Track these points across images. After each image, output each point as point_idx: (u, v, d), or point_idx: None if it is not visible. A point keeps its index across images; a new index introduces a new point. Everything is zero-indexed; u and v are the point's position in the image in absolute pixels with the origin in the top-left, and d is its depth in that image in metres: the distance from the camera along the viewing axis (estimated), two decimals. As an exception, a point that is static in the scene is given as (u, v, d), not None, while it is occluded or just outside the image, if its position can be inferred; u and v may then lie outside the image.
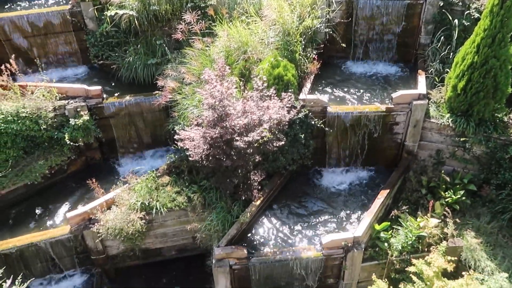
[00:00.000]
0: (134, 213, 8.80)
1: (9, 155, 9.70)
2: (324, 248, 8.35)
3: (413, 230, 8.53)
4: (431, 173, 9.82)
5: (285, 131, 8.91)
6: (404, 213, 8.98)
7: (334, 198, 9.70)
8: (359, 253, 8.33)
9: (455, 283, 7.85)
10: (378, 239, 8.67)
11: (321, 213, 9.33)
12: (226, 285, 8.52)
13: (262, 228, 8.99)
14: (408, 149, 9.91)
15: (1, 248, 8.79)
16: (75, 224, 8.94)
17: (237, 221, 8.67)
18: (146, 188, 9.11)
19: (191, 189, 9.13)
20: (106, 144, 10.92)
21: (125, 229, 8.69)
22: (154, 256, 9.90)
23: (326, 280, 8.90)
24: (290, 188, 9.87)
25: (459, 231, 8.65)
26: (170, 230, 9.49)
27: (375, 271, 8.42)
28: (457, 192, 9.12)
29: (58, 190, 10.35)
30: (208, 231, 8.70)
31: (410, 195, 9.58)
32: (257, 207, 8.98)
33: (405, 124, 9.64)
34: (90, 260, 9.56)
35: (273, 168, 9.56)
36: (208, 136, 7.98)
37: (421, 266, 8.01)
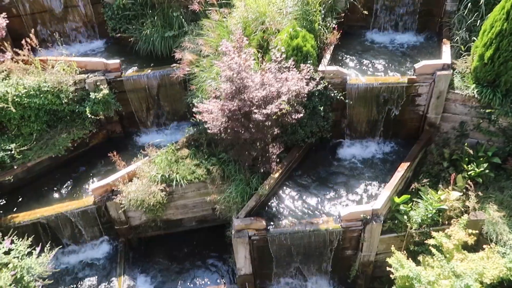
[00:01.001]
0: (155, 185, 8.98)
1: (33, 128, 9.96)
2: (343, 220, 8.37)
3: (433, 203, 8.43)
4: (453, 145, 9.60)
5: (304, 103, 8.80)
6: (425, 186, 8.86)
7: (353, 171, 9.63)
8: (378, 226, 8.33)
9: (476, 256, 7.80)
10: (397, 212, 8.63)
11: (340, 186, 9.30)
12: (245, 255, 8.70)
13: (280, 200, 9.05)
14: (430, 121, 9.68)
15: (29, 218, 9.16)
16: (98, 195, 9.20)
17: (255, 193, 8.74)
18: (166, 161, 9.25)
19: (210, 162, 9.21)
20: (126, 117, 11.06)
21: (147, 201, 8.89)
22: (175, 226, 10.16)
23: (344, 252, 8.97)
24: (308, 161, 9.84)
25: (481, 205, 8.51)
26: (190, 202, 9.67)
27: (394, 243, 8.43)
28: (480, 165, 8.92)
29: (81, 163, 10.62)
30: (227, 202, 8.82)
31: (431, 168, 9.42)
32: (276, 180, 9.01)
33: (428, 95, 9.37)
34: (114, 230, 9.88)
35: (291, 141, 9.53)
36: (226, 109, 7.96)
37: (441, 239, 7.97)
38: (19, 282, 7.23)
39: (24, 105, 9.56)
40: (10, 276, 6.92)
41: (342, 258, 9.07)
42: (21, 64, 9.91)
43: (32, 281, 7.42)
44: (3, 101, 9.28)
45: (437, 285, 7.38)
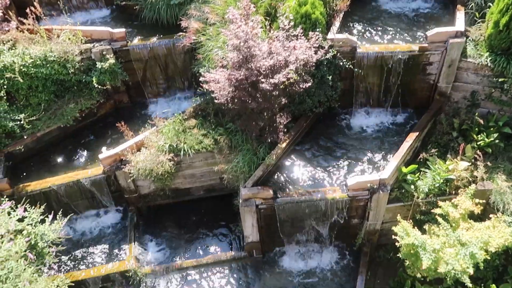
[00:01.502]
0: (163, 155, 9.05)
1: (41, 98, 9.99)
2: (350, 189, 8.42)
3: (441, 173, 8.42)
4: (463, 115, 9.47)
5: (312, 72, 8.67)
6: (433, 156, 8.82)
7: (361, 141, 9.59)
8: (385, 195, 8.37)
9: (481, 225, 7.85)
10: (404, 182, 8.64)
11: (347, 155, 9.29)
12: (253, 223, 8.84)
13: (287, 170, 9.09)
14: (441, 91, 9.50)
15: (41, 186, 9.35)
16: (108, 165, 9.32)
17: (263, 163, 8.78)
18: (174, 131, 9.27)
19: (217, 132, 9.22)
20: (133, 87, 11.01)
21: (155, 170, 8.99)
22: (183, 195, 10.31)
23: (351, 220, 9.07)
24: (316, 131, 9.80)
25: (489, 175, 8.47)
26: (198, 171, 9.76)
27: (400, 213, 8.49)
28: (490, 135, 8.82)
29: (90, 133, 10.70)
30: (235, 172, 8.89)
31: (440, 138, 9.34)
32: (283, 149, 9.02)
33: (439, 64, 9.16)
34: (124, 198, 10.07)
35: (299, 110, 9.46)
36: (233, 78, 7.87)
37: (447, 208, 8.00)
38: (34, 248, 7.47)
39: (31, 75, 9.56)
40: (25, 243, 7.15)
41: (348, 227, 9.19)
42: (26, 34, 9.83)
43: (46, 247, 7.66)
44: (10, 71, 9.27)
45: (442, 253, 7.48)
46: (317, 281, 9.28)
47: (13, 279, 6.69)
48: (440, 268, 7.33)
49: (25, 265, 7.03)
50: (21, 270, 6.88)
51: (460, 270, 7.24)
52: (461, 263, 7.27)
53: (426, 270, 7.51)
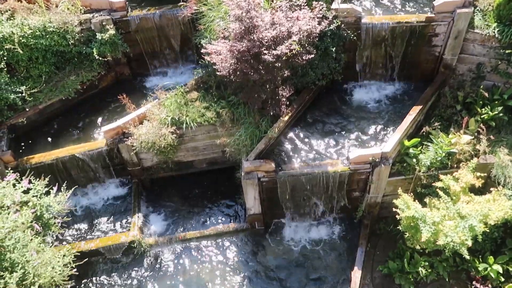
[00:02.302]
0: (165, 128, 9.04)
1: (42, 70, 9.91)
2: (351, 163, 8.44)
3: (443, 146, 8.40)
4: (468, 88, 9.35)
5: (316, 44, 8.52)
6: (436, 129, 8.78)
7: (364, 114, 9.53)
8: (386, 168, 8.39)
9: (482, 198, 7.91)
10: (406, 155, 8.64)
11: (350, 129, 9.26)
12: (255, 196, 8.93)
13: (290, 143, 9.09)
14: (446, 63, 9.35)
15: (45, 159, 9.42)
16: (110, 137, 9.34)
17: (265, 136, 8.78)
18: (176, 104, 9.23)
19: (219, 105, 9.17)
20: (134, 59, 10.88)
21: (158, 143, 9.01)
22: (186, 168, 10.38)
23: (352, 193, 9.15)
24: (319, 104, 9.73)
25: (492, 148, 8.45)
26: (200, 144, 9.78)
27: (401, 186, 8.54)
28: (494, 108, 8.74)
29: (92, 105, 10.67)
30: (237, 145, 8.90)
31: (444, 111, 9.27)
32: (285, 123, 8.99)
33: (446, 35, 8.97)
34: (127, 171, 10.15)
35: (302, 83, 9.36)
36: (235, 50, 7.75)
37: (448, 182, 8.04)
38: (40, 219, 7.60)
39: (30, 46, 9.44)
40: (30, 214, 7.27)
41: (349, 199, 9.28)
42: (24, 3, 9.64)
43: (51, 218, 7.80)
44: (10, 42, 9.16)
45: (441, 225, 7.57)
46: (318, 252, 9.46)
47: (20, 249, 6.85)
48: (439, 240, 7.44)
49: (32, 235, 7.18)
50: (28, 240, 7.03)
51: (458, 242, 7.34)
52: (460, 236, 7.37)
53: (425, 242, 7.63)
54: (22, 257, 6.79)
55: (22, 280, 6.73)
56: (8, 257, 6.69)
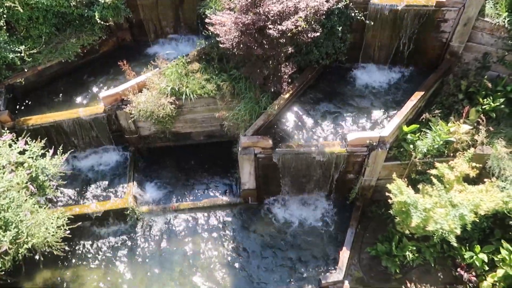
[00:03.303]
0: (165, 98, 8.98)
1: (42, 31, 9.74)
2: (349, 145, 8.44)
3: (442, 134, 8.39)
4: (472, 77, 9.26)
5: (322, 22, 8.36)
6: (436, 117, 8.75)
7: (365, 96, 9.47)
8: (383, 152, 8.41)
9: (475, 188, 7.96)
10: (404, 141, 8.64)
11: (350, 110, 9.22)
12: (250, 171, 8.98)
13: (289, 121, 9.06)
14: (453, 50, 9.22)
15: (42, 121, 9.37)
16: (109, 104, 9.27)
17: (264, 112, 8.74)
18: (176, 74, 9.13)
19: (220, 77, 9.07)
20: (136, 25, 10.69)
21: (156, 112, 8.97)
22: (183, 139, 10.37)
23: (347, 175, 9.20)
24: (321, 83, 9.65)
25: (490, 139, 8.45)
26: (199, 116, 9.74)
27: (396, 171, 8.57)
28: (496, 100, 8.68)
29: (91, 70, 10.55)
30: (236, 120, 8.87)
31: (446, 99, 9.21)
32: (286, 100, 8.93)
33: (455, 22, 8.81)
34: (124, 138, 10.14)
35: (305, 61, 9.25)
36: (240, 22, 7.61)
37: (443, 170, 8.07)
38: (35, 180, 7.63)
39: (31, 5, 9.23)
40: (26, 175, 7.29)
41: (343, 181, 9.34)
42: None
43: (46, 181, 7.83)
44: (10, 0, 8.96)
45: (432, 212, 7.65)
46: (309, 230, 9.59)
47: (14, 209, 6.91)
48: (429, 227, 7.54)
49: (27, 196, 7.23)
50: (22, 200, 7.09)
51: (447, 230, 7.44)
52: (449, 223, 7.46)
53: (415, 227, 7.73)
54: (16, 216, 6.87)
55: (15, 239, 6.82)
56: (2, 216, 6.76)
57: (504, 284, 8.00)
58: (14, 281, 8.42)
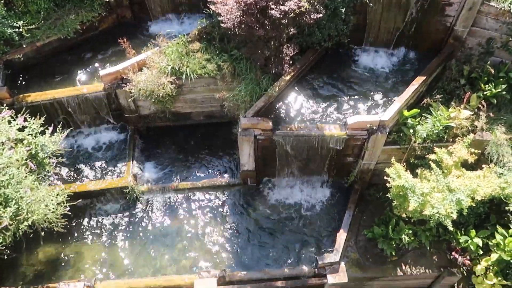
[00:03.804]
0: (165, 77, 8.91)
1: (40, 6, 9.58)
2: (349, 128, 8.44)
3: (442, 119, 8.39)
4: (475, 63, 9.19)
5: (325, 3, 8.25)
6: (437, 102, 8.73)
7: (367, 80, 9.42)
8: (383, 137, 8.41)
9: (472, 174, 8.01)
10: (404, 125, 8.64)
11: (351, 94, 9.18)
12: (250, 153, 8.99)
13: (289, 103, 9.02)
14: (457, 35, 9.12)
15: (41, 98, 9.32)
16: (108, 82, 9.21)
17: (265, 94, 8.69)
18: (177, 53, 9.03)
19: (221, 58, 8.99)
20: (137, 2, 10.53)
21: (156, 92, 8.91)
22: (183, 119, 10.35)
23: (346, 158, 9.23)
24: (323, 66, 9.57)
25: (489, 125, 8.46)
26: (199, 97, 9.70)
27: (395, 155, 8.61)
28: (498, 86, 8.65)
29: (90, 47, 10.44)
30: (236, 101, 8.83)
31: (447, 84, 9.16)
32: (287, 82, 8.88)
33: (460, 5, 8.68)
34: (124, 117, 10.11)
35: (307, 43, 9.15)
36: (242, 2, 7.49)
37: (442, 155, 8.10)
38: (34, 157, 7.64)
39: (29, -21, 9.06)
40: (25, 152, 7.29)
41: (342, 164, 9.38)
42: None
43: (46, 158, 7.84)
44: (7, -28, 8.78)
45: (429, 197, 7.72)
46: (307, 212, 9.68)
47: (14, 185, 6.94)
48: (426, 211, 7.61)
49: (26, 173, 7.25)
50: (22, 177, 7.11)
51: (444, 214, 7.52)
52: (446, 208, 7.54)
53: (411, 211, 7.81)
54: (16, 193, 6.90)
55: (15, 215, 6.88)
56: (2, 192, 6.80)
57: (498, 268, 8.15)
58: (15, 256, 8.52)
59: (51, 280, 8.68)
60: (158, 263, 9.08)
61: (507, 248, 7.96)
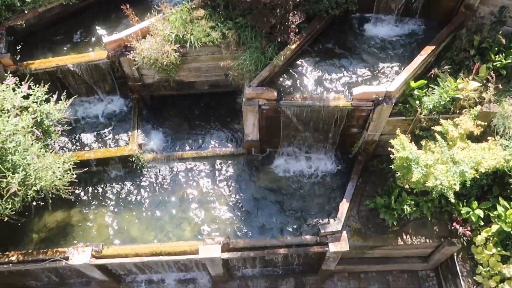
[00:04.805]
0: (169, 45, 8.79)
1: (41, -31, 9.37)
2: (354, 99, 8.36)
3: (449, 91, 8.28)
4: (486, 33, 8.95)
5: (334, -32, 7.97)
6: (445, 73, 8.58)
7: (374, 49, 9.23)
8: (388, 108, 8.34)
9: (477, 146, 7.98)
10: (410, 96, 8.55)
11: (358, 63, 9.02)
12: (254, 123, 8.98)
13: (294, 73, 8.91)
14: (468, 3, 8.84)
15: (45, 66, 9.27)
16: (112, 49, 9.11)
17: (270, 63, 8.58)
18: (181, 20, 8.86)
19: (226, 25, 8.81)
20: (139, -33, 10.24)
21: (160, 60, 8.82)
22: (187, 88, 10.28)
23: (350, 129, 9.20)
24: (329, 35, 9.37)
25: (497, 97, 8.34)
26: (203, 65, 9.59)
27: (400, 126, 8.56)
28: (509, 56, 8.45)
29: (93, 14, 10.28)
30: (241, 70, 8.73)
31: (456, 54, 8.97)
32: (292, 51, 8.73)
33: (473, -28, 8.39)
34: (128, 86, 10.06)
35: (314, 10, 8.92)
36: (247, -34, 7.26)
37: (447, 127, 8.05)
38: (40, 125, 7.69)
39: None
40: (31, 119, 7.33)
41: (347, 135, 9.36)
42: None
43: (51, 126, 7.89)
44: None
45: (433, 168, 7.73)
46: (310, 182, 9.76)
47: (21, 152, 7.03)
48: (429, 182, 7.65)
49: (32, 140, 7.32)
50: (28, 144, 7.19)
51: (447, 186, 7.56)
52: (449, 180, 7.56)
53: (414, 182, 7.84)
54: (24, 160, 7.00)
55: (24, 181, 7.00)
56: (10, 159, 6.90)
57: (497, 239, 8.26)
58: (24, 221, 8.74)
59: (60, 245, 8.94)
60: (163, 230, 9.28)
61: (508, 219, 8.04)
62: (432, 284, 9.77)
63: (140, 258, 8.55)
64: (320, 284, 9.84)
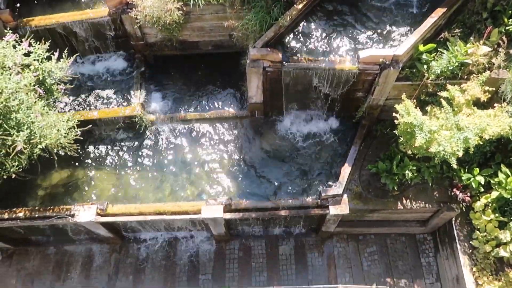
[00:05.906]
0: (172, 3, 8.56)
1: None
2: (361, 62, 8.19)
3: (458, 55, 8.08)
4: (501, -5, 8.62)
5: None
6: (455, 36, 8.33)
7: (384, 11, 8.91)
8: (395, 72, 8.19)
9: (483, 113, 7.89)
10: (418, 60, 8.36)
11: (366, 26, 8.75)
12: (258, 85, 8.87)
13: (300, 34, 8.68)
14: (485, -38, 8.46)
15: (45, 23, 9.07)
16: (113, 6, 8.88)
17: (275, 24, 8.35)
18: (184, -24, 8.57)
19: (230, -17, 8.52)
20: None
21: (162, 18, 8.62)
22: (191, 48, 10.10)
23: (355, 93, 9.09)
24: (337, -6, 9.05)
25: (507, 63, 8.14)
26: (207, 25, 9.37)
27: (406, 91, 8.44)
28: (522, 21, 8.18)
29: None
30: (245, 30, 8.52)
31: (468, 17, 8.67)
32: (299, 11, 8.46)
33: None
34: (130, 45, 9.89)
35: (322, -32, 8.57)
36: None
37: (454, 92, 7.93)
38: (42, 84, 7.64)
39: None
40: (33, 77, 7.27)
41: (351, 99, 9.26)
42: None
43: (54, 84, 7.83)
44: None
45: (437, 134, 7.69)
46: (313, 145, 9.78)
47: (25, 110, 7.03)
48: (432, 148, 7.63)
49: (35, 98, 7.30)
50: (31, 102, 7.17)
51: (450, 152, 7.54)
52: (452, 146, 7.53)
53: (417, 148, 7.83)
54: (28, 118, 7.01)
55: (29, 139, 7.05)
56: (14, 117, 6.91)
57: (496, 205, 8.36)
58: (31, 178, 8.89)
59: (66, 202, 9.14)
60: (166, 190, 9.43)
61: (509, 186, 8.09)
62: (429, 247, 10.00)
63: (144, 216, 8.75)
64: (319, 244, 10.10)
